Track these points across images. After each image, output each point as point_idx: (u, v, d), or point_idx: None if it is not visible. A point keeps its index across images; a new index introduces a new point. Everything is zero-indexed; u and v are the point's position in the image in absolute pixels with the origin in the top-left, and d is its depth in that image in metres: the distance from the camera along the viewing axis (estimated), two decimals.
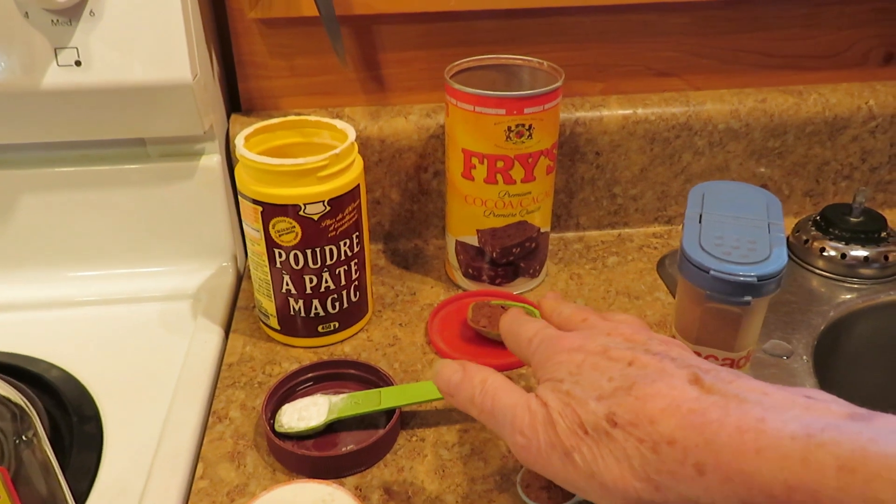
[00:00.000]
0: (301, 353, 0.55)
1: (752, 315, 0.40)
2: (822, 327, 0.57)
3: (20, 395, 0.31)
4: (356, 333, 0.57)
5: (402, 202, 0.67)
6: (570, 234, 0.70)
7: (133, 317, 0.59)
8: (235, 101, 0.65)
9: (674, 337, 0.43)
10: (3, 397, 0.31)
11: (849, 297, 0.60)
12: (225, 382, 0.52)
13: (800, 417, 0.26)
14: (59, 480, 0.32)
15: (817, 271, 0.63)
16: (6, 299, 0.60)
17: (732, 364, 0.41)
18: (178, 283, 0.62)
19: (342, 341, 0.56)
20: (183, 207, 0.61)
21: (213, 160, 0.60)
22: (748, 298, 0.38)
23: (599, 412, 0.30)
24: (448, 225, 0.61)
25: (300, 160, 0.48)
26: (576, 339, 0.35)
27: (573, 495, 0.42)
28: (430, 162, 0.65)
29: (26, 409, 0.31)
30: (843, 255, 0.62)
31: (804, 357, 0.53)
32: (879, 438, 0.24)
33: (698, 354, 0.41)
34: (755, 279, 0.37)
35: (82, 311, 0.60)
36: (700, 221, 0.42)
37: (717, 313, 0.40)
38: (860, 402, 0.66)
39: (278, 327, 0.55)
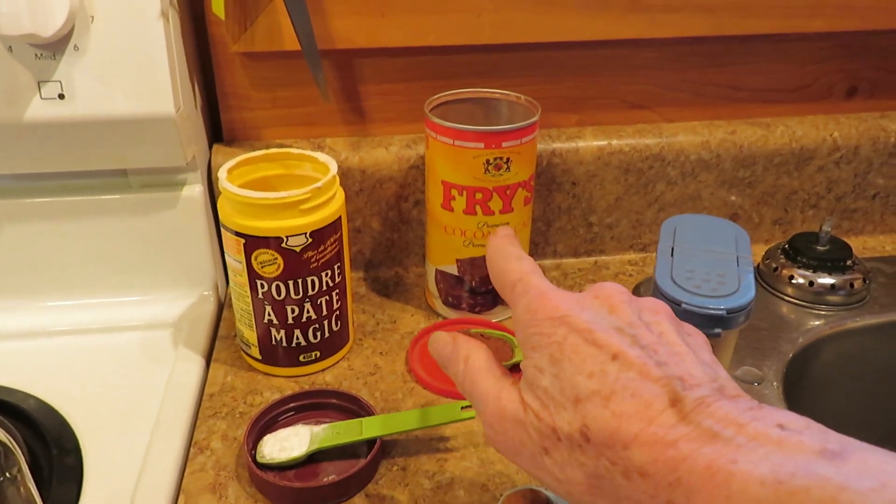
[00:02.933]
0: (282, 383, 0.55)
1: (723, 346, 0.41)
2: (791, 354, 0.58)
3: (4, 432, 0.31)
4: (337, 362, 0.57)
5: (383, 231, 0.68)
6: (547, 262, 0.71)
7: (113, 346, 0.59)
8: (218, 132, 0.66)
9: None
10: None
11: (817, 323, 0.62)
12: (206, 413, 0.52)
13: (771, 456, 0.26)
14: None
15: (787, 298, 0.65)
16: None
17: None
18: (159, 312, 0.62)
19: (323, 370, 0.56)
20: (164, 237, 0.61)
21: (194, 190, 0.61)
22: (718, 331, 0.39)
23: (574, 423, 0.29)
24: (428, 254, 0.62)
25: (282, 194, 0.49)
26: (562, 302, 0.32)
27: None
28: (410, 192, 0.66)
29: (10, 446, 0.31)
30: (811, 283, 0.64)
31: (774, 383, 0.55)
32: (849, 485, 0.24)
33: None
34: (724, 312, 0.39)
35: (62, 341, 0.60)
36: (672, 255, 0.43)
37: None
38: (829, 425, 0.68)
39: (260, 357, 0.55)
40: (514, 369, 0.56)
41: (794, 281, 0.64)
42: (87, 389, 0.55)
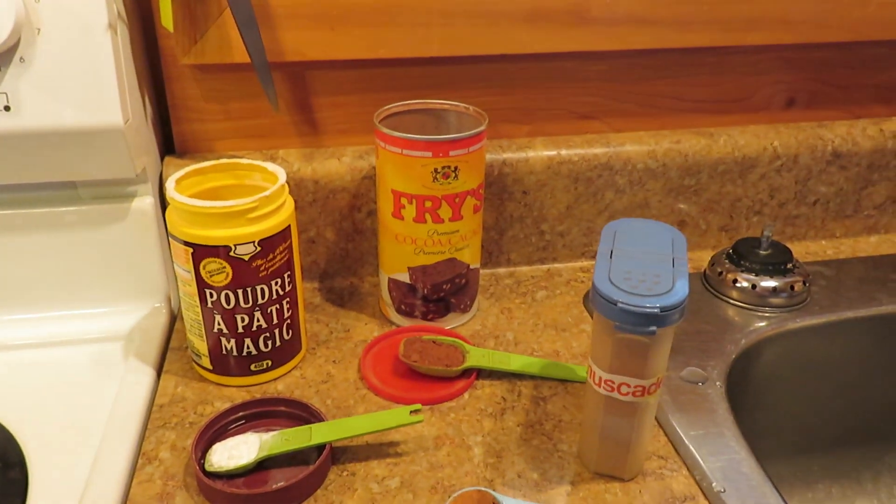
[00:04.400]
0: (234, 393, 0.55)
1: (660, 344, 0.42)
2: (735, 354, 0.60)
3: None
4: (290, 371, 0.57)
5: (337, 241, 0.68)
6: (501, 270, 0.72)
7: (63, 360, 0.59)
8: (170, 144, 0.66)
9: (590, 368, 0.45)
10: None
11: (760, 325, 0.64)
12: (155, 423, 0.52)
13: None
14: None
15: (731, 301, 0.67)
16: None
17: (644, 391, 0.44)
18: (111, 324, 0.62)
19: (275, 379, 0.57)
20: (115, 249, 0.61)
21: (145, 202, 0.61)
22: (653, 328, 0.41)
23: None
24: (381, 263, 0.63)
25: (230, 202, 0.49)
26: None
27: None
28: (363, 202, 0.67)
29: None
30: (754, 286, 0.66)
31: (718, 383, 0.56)
32: None
33: (611, 383, 0.44)
34: (658, 310, 0.40)
35: (10, 356, 0.59)
36: (611, 257, 0.45)
37: (627, 343, 0.42)
38: (771, 423, 0.70)
39: (211, 367, 0.55)
40: (466, 374, 0.57)
41: (737, 284, 0.66)
42: (35, 403, 0.54)
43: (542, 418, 0.53)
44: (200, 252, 0.50)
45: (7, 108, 0.52)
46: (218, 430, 0.50)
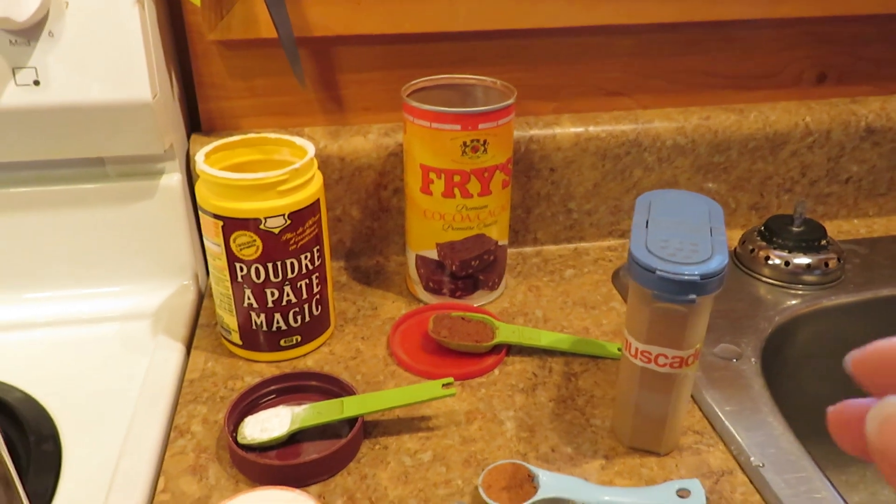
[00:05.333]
0: (264, 368, 0.55)
1: (698, 314, 0.42)
2: (769, 331, 0.59)
3: None
4: (318, 347, 0.57)
5: (363, 219, 0.68)
6: (528, 249, 0.72)
7: (93, 337, 0.59)
8: (196, 122, 0.66)
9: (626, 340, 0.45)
10: None
11: (793, 302, 0.63)
12: (187, 398, 0.52)
13: None
14: (18, 493, 0.32)
15: (763, 279, 0.65)
16: None
17: (681, 362, 0.43)
18: (139, 302, 0.62)
19: (305, 355, 0.56)
20: (144, 227, 0.61)
21: (173, 179, 0.61)
22: (693, 296, 0.40)
23: None
24: (408, 240, 0.63)
25: (260, 174, 0.49)
26: None
27: (533, 494, 0.42)
28: (389, 180, 0.66)
29: None
30: (787, 263, 0.65)
31: (752, 359, 0.56)
32: None
33: (648, 354, 0.43)
34: (698, 277, 0.39)
35: (42, 333, 0.59)
36: (647, 227, 0.44)
37: (665, 313, 0.41)
38: (806, 402, 0.68)
39: (240, 342, 0.55)
40: (496, 350, 0.56)
41: (770, 262, 0.65)
42: (67, 379, 0.54)
43: (573, 394, 0.53)
44: (230, 225, 0.50)
45: (37, 83, 0.52)
46: (249, 403, 0.50)
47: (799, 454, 0.47)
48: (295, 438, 0.48)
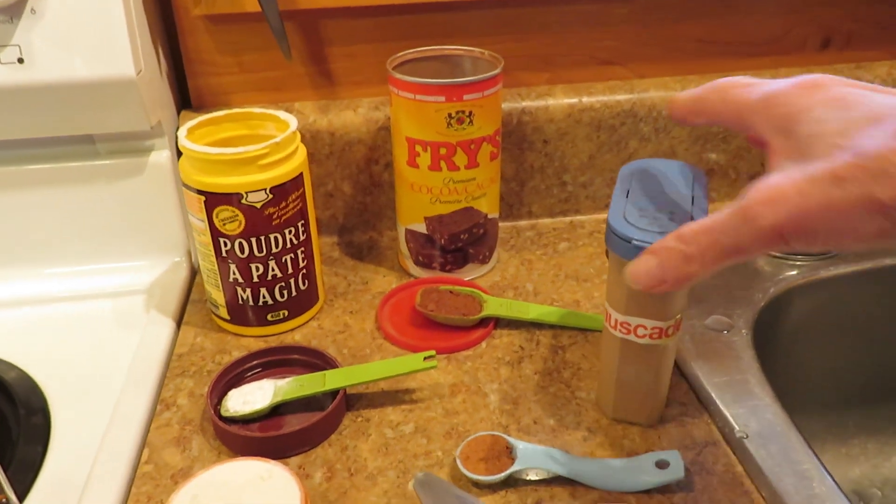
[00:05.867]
0: (251, 343, 0.55)
1: None
2: (763, 303, 0.58)
3: None
4: (307, 322, 0.57)
5: (355, 195, 0.68)
6: (522, 223, 0.71)
7: (85, 313, 0.60)
8: (186, 99, 0.66)
9: (606, 312, 0.44)
10: None
11: (790, 273, 0.61)
12: (174, 372, 0.52)
13: None
14: None
15: None
16: None
17: (661, 333, 0.42)
18: (132, 279, 0.62)
19: (292, 330, 0.57)
20: (134, 204, 0.62)
21: (162, 156, 0.61)
22: None
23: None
24: (398, 214, 0.62)
25: (240, 149, 0.49)
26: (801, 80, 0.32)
27: (510, 465, 0.42)
28: (380, 154, 0.66)
29: None
30: None
31: (744, 331, 0.55)
32: None
33: (627, 325, 0.43)
34: None
35: (35, 310, 0.60)
36: (627, 196, 0.43)
37: None
38: (803, 377, 0.67)
39: (228, 317, 0.55)
40: (483, 323, 0.56)
41: None
42: (59, 354, 0.55)
43: (560, 366, 0.52)
44: (212, 200, 0.50)
45: (20, 61, 0.52)
46: (234, 377, 0.50)
47: (786, 426, 0.46)
48: (279, 411, 0.48)
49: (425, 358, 0.48)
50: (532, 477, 0.43)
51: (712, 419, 0.47)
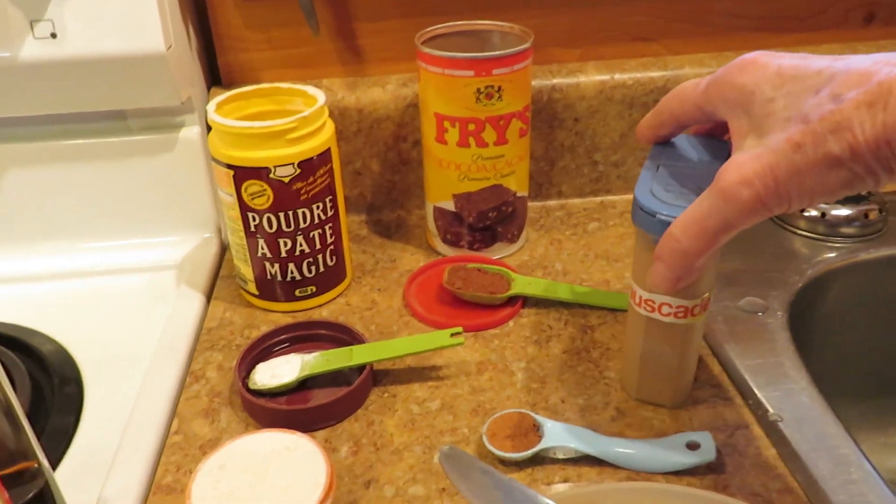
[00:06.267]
0: (279, 318, 0.55)
1: None
2: (799, 285, 0.57)
3: None
4: (334, 298, 0.57)
5: (383, 173, 0.67)
6: (552, 203, 0.70)
7: (117, 287, 0.60)
8: (216, 75, 0.66)
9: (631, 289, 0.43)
10: None
11: (829, 255, 0.60)
12: (204, 345, 0.53)
13: None
14: (20, 421, 0.33)
15: (798, 232, 0.63)
16: None
17: (686, 312, 0.41)
18: (163, 254, 0.63)
19: (320, 306, 0.57)
20: (165, 180, 0.62)
21: (192, 132, 0.61)
22: None
23: (826, 101, 0.30)
24: (426, 191, 0.62)
25: (268, 123, 0.49)
26: (743, 60, 0.35)
27: (537, 442, 0.42)
28: (408, 131, 0.65)
29: None
30: (824, 215, 0.61)
31: (779, 313, 0.53)
32: None
33: (651, 303, 0.41)
34: None
35: (68, 283, 0.61)
36: (657, 171, 0.42)
37: None
38: (839, 362, 0.66)
39: (257, 292, 0.56)
40: (511, 302, 0.55)
41: (805, 213, 0.62)
42: (92, 327, 0.56)
43: (588, 346, 0.52)
44: (241, 174, 0.50)
45: (53, 36, 0.53)
46: (262, 351, 0.50)
47: (821, 409, 0.45)
48: (305, 386, 0.48)
49: (452, 335, 0.48)
50: (559, 455, 0.42)
51: (745, 401, 0.46)
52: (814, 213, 0.62)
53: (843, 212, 0.61)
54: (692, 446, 0.42)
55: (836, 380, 0.64)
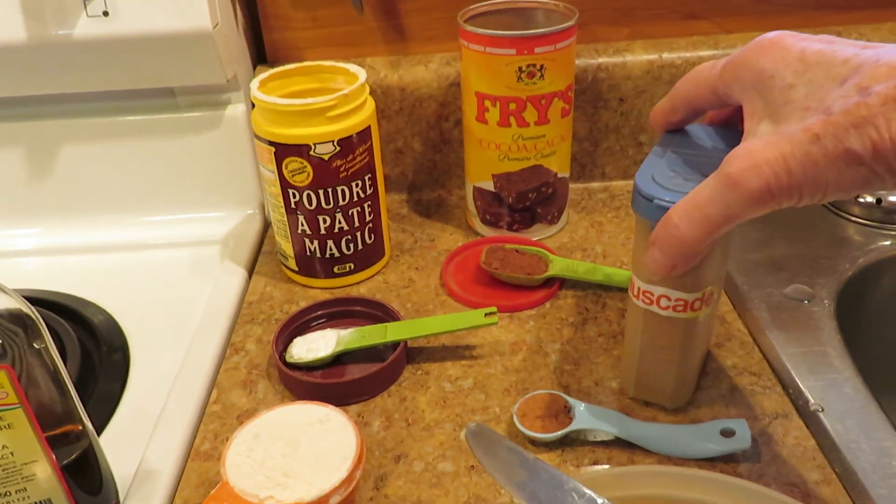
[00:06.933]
0: (318, 294, 0.56)
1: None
2: (850, 273, 0.55)
3: (30, 307, 0.34)
4: (372, 276, 0.58)
5: (425, 152, 0.67)
6: (594, 185, 0.69)
7: (165, 261, 0.62)
8: (262, 53, 0.67)
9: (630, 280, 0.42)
10: (15, 310, 0.33)
11: (884, 244, 0.57)
12: (244, 319, 0.54)
13: None
14: (66, 386, 0.35)
15: (853, 219, 0.60)
16: (46, 244, 0.64)
17: (686, 306, 0.39)
18: (208, 229, 0.64)
19: (358, 283, 0.57)
20: (212, 156, 0.63)
21: (238, 110, 0.62)
22: None
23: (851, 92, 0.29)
24: (466, 171, 0.62)
25: (309, 100, 0.49)
26: (764, 40, 0.33)
27: (568, 424, 0.42)
28: (450, 111, 0.65)
29: (36, 321, 0.34)
30: (879, 201, 0.59)
31: (826, 302, 0.52)
32: None
33: (650, 294, 0.40)
34: None
35: (116, 256, 0.63)
36: (663, 156, 0.40)
37: None
38: (886, 351, 0.63)
39: (296, 268, 0.57)
40: (548, 284, 0.55)
41: (860, 199, 0.60)
42: (138, 298, 0.58)
43: (625, 329, 0.51)
44: (282, 151, 0.51)
45: (105, 14, 0.54)
46: (299, 326, 0.51)
47: (865, 401, 0.43)
48: (341, 361, 0.49)
49: (486, 314, 0.48)
50: (591, 438, 0.42)
51: (785, 390, 0.45)
52: (869, 199, 0.59)
53: None
54: (727, 434, 0.41)
55: (884, 372, 0.61)
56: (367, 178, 0.54)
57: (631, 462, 0.41)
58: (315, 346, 0.48)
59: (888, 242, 0.58)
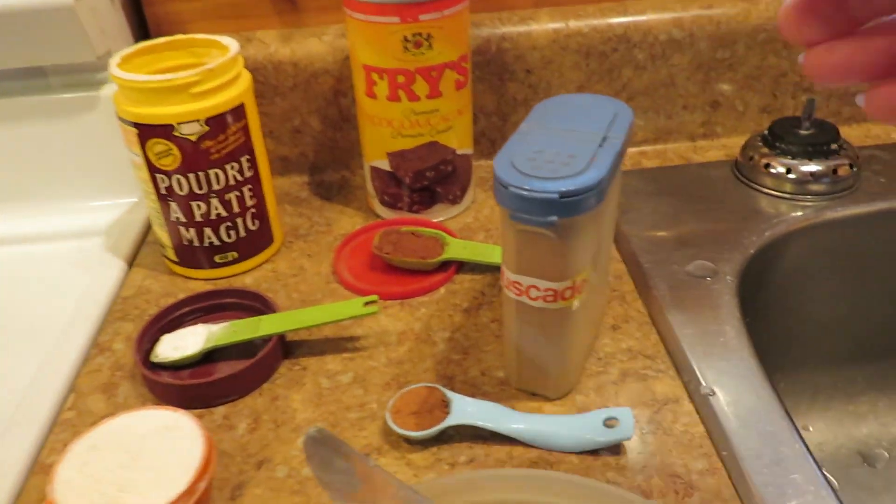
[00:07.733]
0: (200, 286, 0.53)
1: (569, 238, 0.34)
2: (756, 247, 0.52)
3: None
4: (260, 265, 0.54)
5: (324, 130, 0.64)
6: None
7: (39, 255, 0.58)
8: (145, 28, 0.62)
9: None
10: None
11: (794, 215, 0.56)
12: (115, 315, 0.50)
13: None
14: None
15: (764, 190, 0.58)
16: None
17: (556, 296, 0.37)
18: (90, 220, 0.60)
19: (244, 273, 0.54)
20: (88, 141, 0.59)
21: (113, 90, 0.57)
22: (553, 218, 0.33)
23: None
24: (363, 150, 0.58)
25: (169, 76, 0.45)
26: None
27: (441, 421, 0.39)
28: (348, 86, 0.61)
29: None
30: (789, 171, 0.57)
31: (728, 278, 0.49)
32: None
33: (519, 285, 0.37)
34: (556, 196, 0.33)
35: None
36: (528, 136, 0.37)
37: (531, 238, 0.35)
38: (801, 324, 0.62)
39: (177, 259, 0.53)
40: (444, 267, 0.52)
41: (771, 170, 0.58)
42: (8, 295, 0.54)
43: None
44: (145, 132, 0.47)
45: None
46: (170, 322, 0.48)
47: (758, 383, 0.41)
48: (214, 358, 0.45)
49: (366, 303, 0.45)
50: (473, 430, 0.40)
51: (679, 374, 0.43)
52: (780, 169, 0.57)
53: (811, 168, 0.57)
54: (611, 423, 0.38)
55: (785, 346, 0.60)
56: (244, 159, 0.50)
57: (509, 457, 0.38)
58: (183, 343, 0.45)
59: (798, 213, 0.56)
